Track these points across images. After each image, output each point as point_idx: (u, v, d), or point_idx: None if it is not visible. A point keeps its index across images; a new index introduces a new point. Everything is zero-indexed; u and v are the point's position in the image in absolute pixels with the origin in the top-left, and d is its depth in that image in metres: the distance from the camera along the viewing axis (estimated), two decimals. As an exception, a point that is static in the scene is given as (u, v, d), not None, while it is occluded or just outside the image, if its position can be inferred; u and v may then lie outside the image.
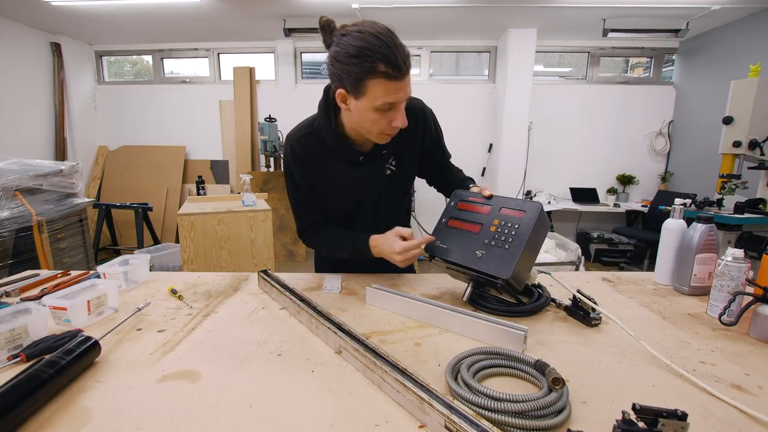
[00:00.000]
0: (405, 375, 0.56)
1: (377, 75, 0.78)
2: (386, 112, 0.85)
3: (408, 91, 0.84)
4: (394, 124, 0.86)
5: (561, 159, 4.80)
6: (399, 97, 0.82)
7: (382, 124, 0.86)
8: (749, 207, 2.69)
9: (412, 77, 0.85)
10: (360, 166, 1.00)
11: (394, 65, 0.77)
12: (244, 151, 4.72)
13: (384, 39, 0.77)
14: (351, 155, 0.98)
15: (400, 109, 0.85)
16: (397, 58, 0.77)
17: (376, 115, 0.85)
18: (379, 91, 0.80)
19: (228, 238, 2.40)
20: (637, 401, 0.47)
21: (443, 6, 3.53)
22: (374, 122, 0.86)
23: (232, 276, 1.13)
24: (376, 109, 0.83)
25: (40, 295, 0.91)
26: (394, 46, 0.78)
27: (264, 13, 3.77)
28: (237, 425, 0.51)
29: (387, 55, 0.77)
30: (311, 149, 0.99)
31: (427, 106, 1.07)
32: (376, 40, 0.77)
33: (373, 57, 0.77)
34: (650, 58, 4.71)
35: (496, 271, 0.79)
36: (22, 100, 4.15)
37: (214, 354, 0.69)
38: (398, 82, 0.80)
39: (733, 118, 2.64)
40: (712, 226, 0.94)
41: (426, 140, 1.07)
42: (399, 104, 0.84)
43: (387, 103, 0.82)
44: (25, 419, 0.51)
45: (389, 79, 0.78)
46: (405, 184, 1.11)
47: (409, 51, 0.82)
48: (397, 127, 0.88)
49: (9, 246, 2.34)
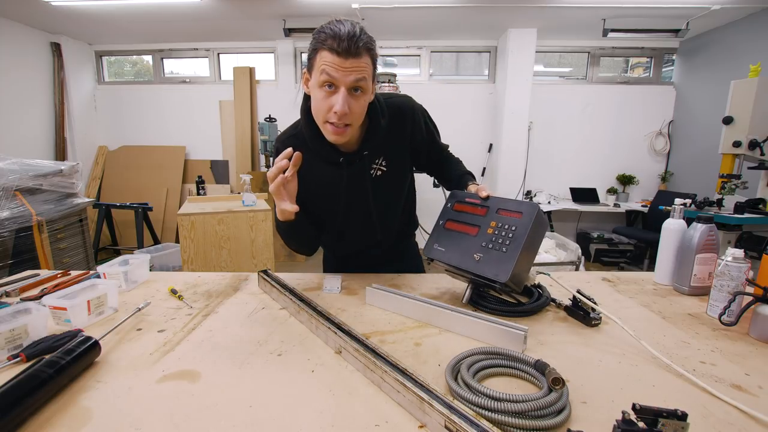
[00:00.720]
0: (405, 375, 0.56)
1: (323, 47, 0.80)
2: (329, 95, 0.83)
3: (353, 78, 0.81)
4: (334, 108, 0.82)
5: (561, 159, 4.80)
6: (339, 75, 0.80)
7: (324, 106, 0.84)
8: (749, 207, 2.69)
9: (412, 77, 0.84)
10: (340, 167, 0.98)
11: (339, 40, 0.78)
12: (244, 151, 4.72)
13: (341, 23, 0.80)
14: (330, 155, 0.97)
15: (341, 92, 0.82)
16: (345, 38, 0.78)
17: (320, 94, 0.84)
18: (321, 62, 0.81)
19: (228, 238, 2.40)
20: (637, 401, 0.47)
21: (443, 6, 3.53)
22: (319, 103, 0.85)
23: (232, 276, 1.13)
24: (320, 84, 0.83)
25: (40, 295, 0.91)
26: (350, 29, 0.79)
27: (264, 13, 3.77)
28: (237, 425, 0.51)
29: (337, 32, 0.79)
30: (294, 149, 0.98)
31: (416, 103, 1.05)
32: (335, 23, 0.80)
33: (324, 32, 0.80)
34: (650, 58, 4.71)
35: (494, 274, 0.79)
36: (22, 100, 4.15)
37: (214, 354, 0.69)
38: (341, 59, 0.79)
39: (733, 118, 2.64)
40: (712, 226, 0.94)
41: (416, 139, 1.04)
42: (339, 86, 0.82)
43: (327, 74, 0.80)
44: (25, 419, 0.51)
45: (332, 53, 0.79)
46: (398, 185, 1.09)
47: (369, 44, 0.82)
48: (338, 115, 0.83)
49: (9, 246, 2.34)
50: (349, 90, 0.83)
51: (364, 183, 1.02)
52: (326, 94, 0.83)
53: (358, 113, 0.86)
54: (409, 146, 1.04)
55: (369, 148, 0.98)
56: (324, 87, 0.82)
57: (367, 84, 0.84)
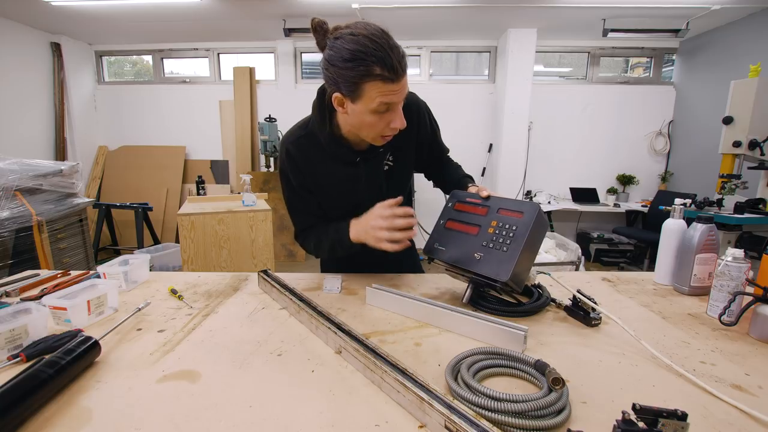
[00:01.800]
0: (405, 375, 0.56)
1: (373, 78, 0.77)
2: (384, 114, 0.84)
3: (404, 93, 0.83)
4: (392, 125, 0.85)
5: (561, 159, 4.80)
6: (396, 99, 0.81)
7: (380, 126, 0.85)
8: (749, 207, 2.69)
9: (412, 77, 0.85)
10: (357, 166, 0.99)
11: (390, 67, 0.76)
12: (244, 151, 4.72)
13: (378, 41, 0.76)
14: (347, 156, 0.97)
15: (398, 110, 0.84)
16: (392, 60, 0.76)
17: (373, 118, 0.83)
18: (375, 93, 0.79)
19: (228, 238, 2.40)
20: (637, 401, 0.47)
21: (443, 6, 3.53)
22: (372, 125, 0.85)
23: (232, 276, 1.13)
24: (373, 111, 0.82)
25: (40, 295, 0.91)
26: (389, 47, 0.76)
27: (264, 13, 3.77)
28: (237, 425, 0.51)
29: (382, 57, 0.75)
30: (307, 151, 0.98)
31: (420, 99, 1.06)
32: (371, 43, 0.75)
33: (367, 60, 0.75)
34: (650, 58, 4.71)
35: (494, 274, 0.79)
36: (22, 100, 4.15)
37: (214, 354, 0.69)
38: (394, 84, 0.78)
39: (733, 118, 2.64)
40: (712, 226, 0.94)
41: (421, 133, 1.06)
42: (396, 105, 0.83)
43: (384, 104, 0.80)
44: (25, 419, 0.51)
45: (385, 82, 0.77)
46: (403, 179, 1.10)
47: (404, 51, 0.81)
48: (396, 129, 0.87)
49: (9, 246, 2.34)
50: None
51: (378, 179, 1.03)
52: (381, 116, 0.84)
53: None
54: (414, 141, 1.05)
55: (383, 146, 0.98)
56: (379, 111, 0.82)
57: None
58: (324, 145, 0.96)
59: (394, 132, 0.88)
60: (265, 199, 2.88)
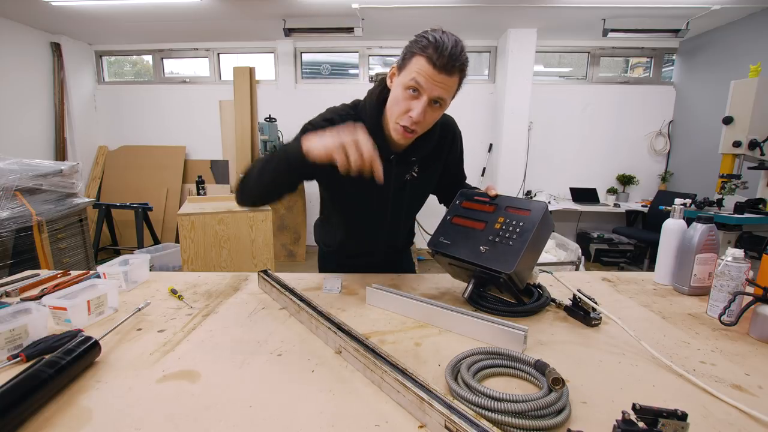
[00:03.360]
0: (405, 375, 0.56)
1: (421, 54, 0.81)
2: (411, 96, 0.85)
3: (438, 93, 0.83)
4: (410, 113, 0.85)
5: (561, 159, 4.80)
6: (427, 86, 0.82)
7: (402, 107, 0.86)
8: (749, 207, 2.69)
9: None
10: (389, 164, 0.99)
11: (440, 54, 0.79)
12: (244, 151, 4.72)
13: (444, 36, 0.81)
14: (385, 150, 0.97)
15: (423, 100, 0.84)
16: (446, 52, 0.79)
17: (403, 94, 0.85)
18: (415, 67, 0.82)
19: (228, 238, 2.40)
20: (637, 401, 0.47)
21: (443, 6, 3.53)
22: (398, 102, 0.87)
23: (232, 276, 1.13)
24: (406, 86, 0.84)
25: (40, 295, 0.91)
26: (451, 45, 0.80)
27: (264, 13, 3.77)
28: (237, 425, 0.51)
29: (439, 45, 0.79)
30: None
31: (457, 126, 1.11)
32: (440, 34, 0.81)
33: (426, 39, 0.81)
34: (650, 58, 4.71)
35: (499, 266, 0.79)
36: (22, 100, 4.15)
37: (214, 354, 0.69)
38: (435, 71, 0.81)
39: (733, 118, 2.64)
40: (712, 226, 0.94)
41: (450, 155, 1.10)
42: (423, 94, 0.84)
43: (415, 82, 0.82)
44: (25, 419, 0.51)
45: (429, 62, 0.80)
46: (424, 193, 1.12)
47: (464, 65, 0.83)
48: (412, 120, 0.85)
49: (9, 246, 2.34)
50: (430, 101, 0.85)
51: (403, 184, 1.04)
52: (409, 96, 0.85)
53: (429, 124, 0.90)
54: (443, 161, 1.09)
55: (417, 155, 1.01)
56: (409, 90, 0.84)
57: (446, 102, 0.88)
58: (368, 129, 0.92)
59: (410, 122, 0.86)
60: (265, 199, 2.88)
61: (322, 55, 4.89)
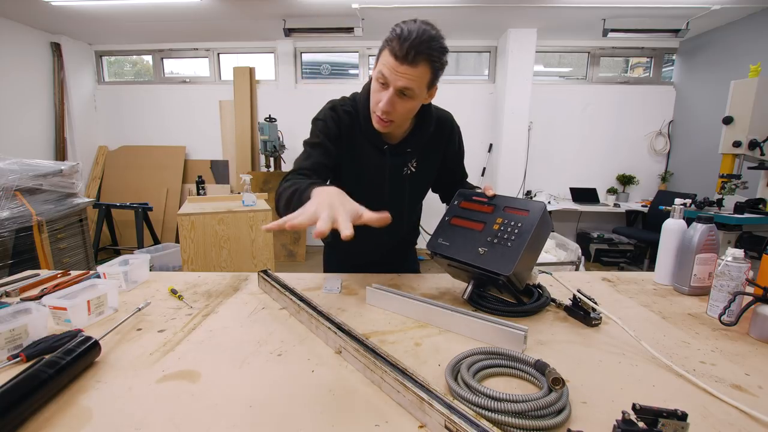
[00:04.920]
0: (405, 375, 0.56)
1: (387, 46, 0.85)
2: (380, 89, 0.89)
3: (402, 83, 0.85)
4: (380, 104, 0.89)
5: (561, 159, 4.80)
6: (392, 77, 0.85)
7: (375, 98, 0.91)
8: (749, 207, 2.69)
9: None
10: (384, 155, 1.03)
11: (401, 45, 0.82)
12: (244, 151, 4.72)
13: (415, 25, 0.84)
14: (377, 140, 1.01)
15: (389, 92, 0.87)
16: (407, 44, 0.81)
17: (375, 86, 0.90)
18: (383, 59, 0.87)
19: (228, 238, 2.40)
20: (637, 401, 0.47)
21: (443, 6, 3.53)
22: (372, 94, 0.92)
23: (232, 276, 1.13)
24: (376, 78, 0.89)
25: (40, 295, 0.91)
26: (417, 35, 0.82)
27: (264, 13, 3.77)
28: (237, 425, 0.51)
29: (402, 35, 0.82)
30: (350, 118, 1.02)
31: (456, 123, 1.12)
32: (407, 25, 0.84)
33: (394, 32, 0.85)
34: (650, 58, 4.71)
35: (498, 268, 0.79)
36: (22, 100, 4.15)
37: (214, 354, 0.69)
38: (397, 62, 0.83)
39: (733, 118, 2.64)
40: (712, 226, 0.94)
41: (448, 149, 1.11)
42: (389, 85, 0.87)
43: (381, 74, 0.86)
44: (25, 419, 0.51)
45: (391, 54, 0.84)
46: (423, 187, 1.14)
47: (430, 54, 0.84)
48: (381, 110, 0.90)
49: (9, 246, 2.34)
50: (397, 92, 0.87)
51: (401, 177, 1.07)
52: (379, 87, 0.89)
53: (401, 114, 0.92)
54: (440, 155, 1.11)
55: (412, 147, 1.04)
56: (378, 81, 0.89)
57: (415, 92, 0.88)
58: (361, 120, 1.00)
59: (380, 113, 0.91)
60: (265, 199, 2.88)
61: (322, 55, 4.89)
